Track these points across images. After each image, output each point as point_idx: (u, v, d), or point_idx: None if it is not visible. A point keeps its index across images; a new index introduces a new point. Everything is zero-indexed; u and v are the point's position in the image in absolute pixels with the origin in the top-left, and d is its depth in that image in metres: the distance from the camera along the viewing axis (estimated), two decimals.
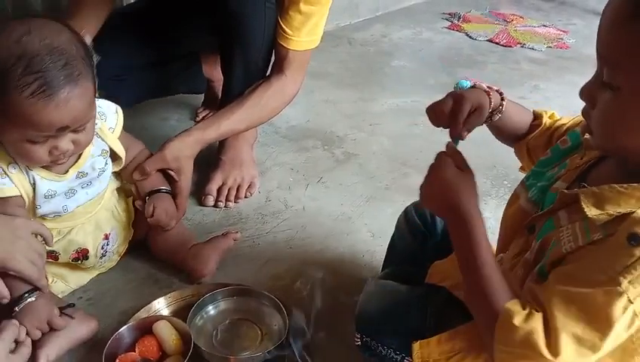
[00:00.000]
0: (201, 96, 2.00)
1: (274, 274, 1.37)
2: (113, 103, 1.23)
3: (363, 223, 1.57)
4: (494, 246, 1.05)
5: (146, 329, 1.11)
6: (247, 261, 1.39)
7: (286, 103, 1.62)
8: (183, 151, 1.38)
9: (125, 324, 1.12)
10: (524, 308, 0.72)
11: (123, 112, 1.26)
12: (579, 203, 0.73)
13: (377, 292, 0.95)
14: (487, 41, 2.98)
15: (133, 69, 1.64)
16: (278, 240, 1.48)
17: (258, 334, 1.17)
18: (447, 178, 0.83)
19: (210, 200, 1.58)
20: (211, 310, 1.21)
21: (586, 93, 0.75)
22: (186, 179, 1.38)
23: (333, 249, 1.47)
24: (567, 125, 0.96)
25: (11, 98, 0.93)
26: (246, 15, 1.46)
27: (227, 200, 1.59)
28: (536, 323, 0.70)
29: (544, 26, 3.23)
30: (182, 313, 1.17)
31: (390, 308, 0.92)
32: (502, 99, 0.96)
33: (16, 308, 1.03)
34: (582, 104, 0.78)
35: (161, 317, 1.13)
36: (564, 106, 2.30)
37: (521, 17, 3.33)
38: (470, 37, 3.02)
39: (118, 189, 1.30)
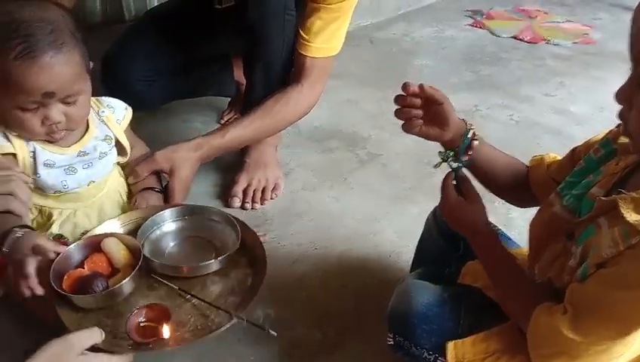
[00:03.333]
0: (227, 99, 2.01)
1: (300, 275, 1.38)
2: (123, 102, 1.26)
3: (388, 224, 1.57)
4: (523, 246, 1.05)
5: (94, 247, 1.06)
6: (273, 262, 1.38)
7: (301, 114, 1.61)
8: (177, 153, 1.38)
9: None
10: (550, 309, 0.75)
11: (151, 112, 1.27)
12: (618, 209, 0.73)
13: (411, 291, 0.95)
14: (511, 37, 2.95)
15: (164, 70, 1.67)
16: (302, 241, 1.49)
17: (213, 249, 1.13)
18: (453, 209, 0.95)
19: (236, 202, 1.60)
20: (162, 229, 1.16)
21: (621, 95, 0.74)
22: (178, 180, 1.36)
23: (358, 249, 1.47)
24: (592, 141, 0.95)
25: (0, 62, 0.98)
26: (265, 24, 1.47)
27: (253, 201, 1.60)
28: (562, 319, 0.73)
29: (569, 21, 3.18)
30: (133, 235, 1.12)
31: (424, 308, 0.92)
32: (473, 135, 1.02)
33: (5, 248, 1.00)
34: (608, 100, 0.78)
35: (109, 235, 1.09)
36: (590, 102, 2.28)
37: (545, 13, 3.29)
38: (494, 34, 2.99)
39: (127, 182, 1.32)
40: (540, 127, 2.11)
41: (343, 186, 1.73)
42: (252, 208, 1.60)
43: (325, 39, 1.51)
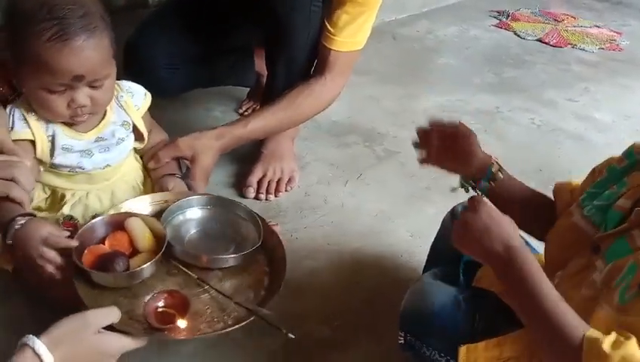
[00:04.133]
0: (247, 89, 2.00)
1: (312, 270, 1.37)
2: (143, 88, 1.26)
3: (402, 223, 1.55)
4: (540, 252, 1.03)
5: (118, 225, 1.07)
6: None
7: (323, 107, 1.60)
8: (200, 140, 1.37)
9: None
10: (606, 338, 0.70)
11: (170, 100, 1.26)
12: None
13: (426, 291, 0.94)
14: (536, 40, 2.91)
15: (186, 58, 1.67)
16: (316, 235, 1.48)
17: (232, 243, 1.13)
18: (494, 216, 0.81)
19: (251, 192, 1.59)
20: (186, 215, 1.17)
21: None
22: (200, 168, 1.36)
23: (371, 247, 1.45)
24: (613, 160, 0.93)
25: (31, 43, 0.99)
26: (291, 16, 1.45)
27: (267, 193, 1.59)
28: (631, 347, 0.68)
29: (597, 26, 3.13)
30: (157, 217, 1.12)
31: (438, 309, 0.91)
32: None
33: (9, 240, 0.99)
34: (634, 108, 0.78)
35: (134, 214, 1.09)
36: (615, 110, 2.24)
37: (572, 17, 3.23)
38: (519, 36, 2.94)
39: (144, 168, 1.32)
40: (562, 132, 2.07)
41: (359, 182, 1.71)
42: (266, 199, 1.59)
43: (351, 33, 1.49)
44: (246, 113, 1.92)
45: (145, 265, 0.99)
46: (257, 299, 1.03)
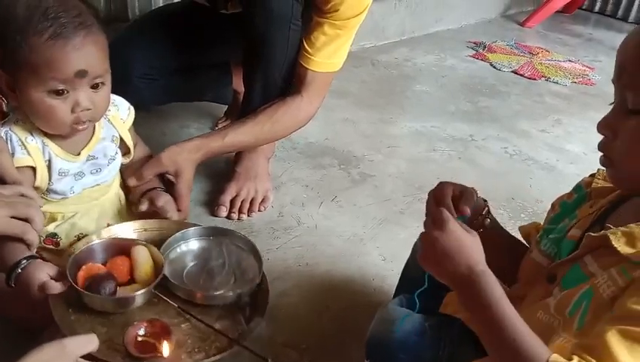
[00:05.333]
0: (224, 106, 2.00)
1: (281, 291, 1.35)
2: (127, 101, 1.25)
3: (375, 246, 1.55)
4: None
5: (120, 249, 1.06)
6: None
7: (299, 125, 1.61)
8: (181, 154, 1.37)
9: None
10: (570, 359, 0.68)
11: (145, 114, 1.26)
12: (607, 246, 0.73)
13: (391, 318, 0.93)
14: (511, 72, 2.97)
15: (163, 70, 1.66)
16: (288, 256, 1.47)
17: (231, 276, 1.11)
18: (461, 238, 0.77)
19: (223, 211, 1.57)
20: (185, 246, 1.16)
21: (604, 124, 0.77)
22: (185, 182, 1.35)
23: (342, 270, 1.45)
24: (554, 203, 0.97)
25: (32, 44, 0.99)
26: (270, 33, 1.46)
27: (240, 212, 1.58)
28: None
29: (570, 61, 3.21)
30: (152, 244, 1.12)
31: (404, 336, 0.90)
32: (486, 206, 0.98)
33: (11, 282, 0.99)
34: None
35: (141, 243, 1.09)
36: (586, 142, 2.28)
37: (547, 51, 3.31)
38: (494, 67, 3.00)
39: (122, 185, 1.30)
40: (534, 162, 2.11)
41: (333, 204, 1.71)
42: (238, 219, 1.57)
43: (327, 55, 1.50)
44: None
45: (138, 292, 0.98)
46: (239, 329, 1.01)
